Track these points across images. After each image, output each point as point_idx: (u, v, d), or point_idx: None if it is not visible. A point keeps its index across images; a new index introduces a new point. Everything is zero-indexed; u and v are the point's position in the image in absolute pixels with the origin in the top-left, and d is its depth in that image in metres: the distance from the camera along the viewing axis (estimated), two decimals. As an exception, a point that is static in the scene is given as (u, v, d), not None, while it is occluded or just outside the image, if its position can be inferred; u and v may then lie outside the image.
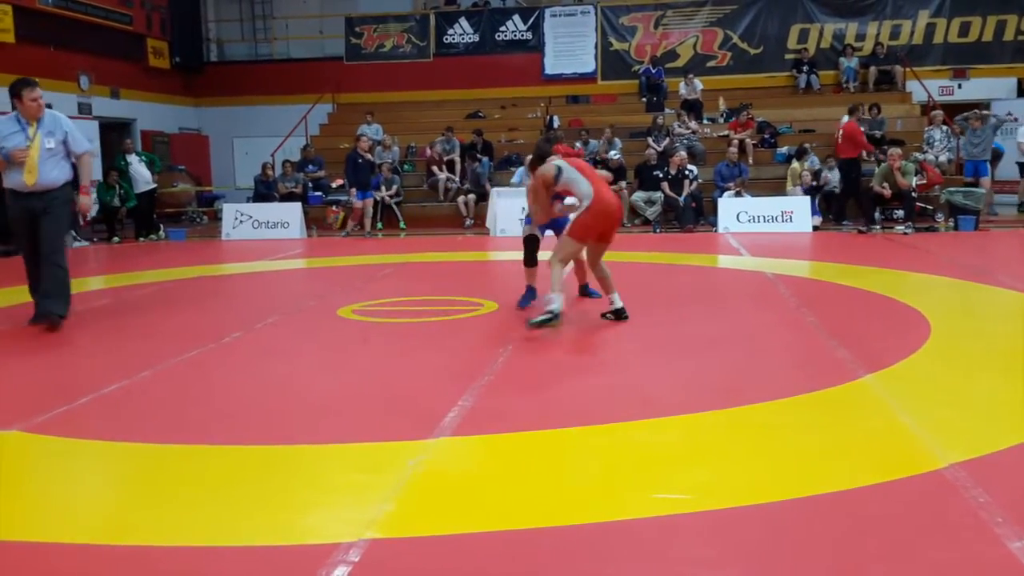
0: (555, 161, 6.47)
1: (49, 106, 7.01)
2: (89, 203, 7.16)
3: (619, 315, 6.60)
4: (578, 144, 16.47)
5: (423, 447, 3.83)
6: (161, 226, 15.83)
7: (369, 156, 14.91)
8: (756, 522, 3.05)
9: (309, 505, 3.30)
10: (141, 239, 15.29)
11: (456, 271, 10.28)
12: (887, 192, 13.28)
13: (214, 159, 21.37)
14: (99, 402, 4.75)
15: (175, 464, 3.77)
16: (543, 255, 6.91)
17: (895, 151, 13.46)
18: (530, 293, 7.19)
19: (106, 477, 3.66)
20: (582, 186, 6.31)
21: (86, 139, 7.13)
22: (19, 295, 8.92)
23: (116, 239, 15.18)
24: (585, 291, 7.61)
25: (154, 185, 15.90)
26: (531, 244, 7.21)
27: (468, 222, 15.78)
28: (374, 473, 3.57)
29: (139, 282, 9.90)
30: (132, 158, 15.66)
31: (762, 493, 3.27)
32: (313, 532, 3.04)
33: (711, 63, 19.51)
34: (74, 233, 14.70)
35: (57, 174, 6.73)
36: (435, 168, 16.74)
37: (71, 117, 16.69)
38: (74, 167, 7.03)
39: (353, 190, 14.73)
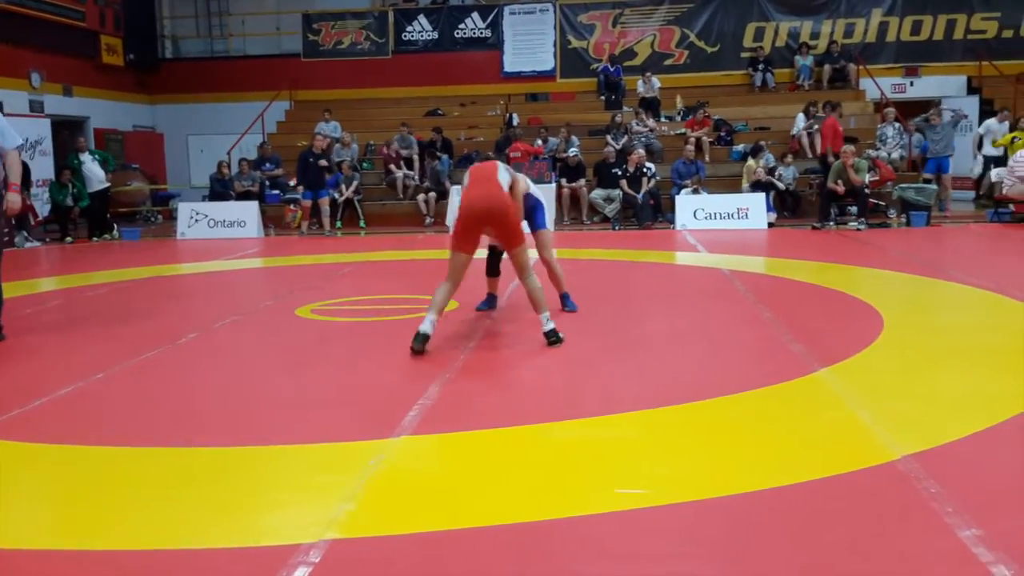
0: (465, 178, 6.14)
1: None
2: (18, 201, 6.47)
3: (418, 341, 5.57)
4: (538, 141, 16.54)
5: (383, 446, 3.83)
6: (115, 225, 15.59)
7: (322, 156, 14.71)
8: (716, 515, 3.09)
9: (269, 506, 3.28)
10: (94, 239, 15.05)
11: (416, 269, 10.25)
12: (840, 189, 13.47)
13: (169, 157, 21.09)
14: (53, 404, 4.68)
15: (131, 467, 3.73)
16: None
17: (848, 148, 13.67)
18: (490, 300, 7.12)
19: (62, 481, 3.60)
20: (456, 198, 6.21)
21: (16, 133, 6.53)
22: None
23: (69, 239, 14.92)
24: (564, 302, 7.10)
25: (108, 184, 15.65)
26: (495, 254, 6.94)
27: (428, 220, 15.74)
28: (334, 473, 3.56)
29: (93, 283, 9.74)
30: (85, 156, 15.39)
31: (721, 487, 3.31)
32: (273, 533, 3.02)
33: (668, 61, 19.65)
34: (25, 233, 14.45)
35: None
36: (392, 166, 16.67)
37: (21, 115, 16.45)
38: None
39: (300, 188, 14.64)
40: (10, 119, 14.54)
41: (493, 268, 6.99)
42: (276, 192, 16.32)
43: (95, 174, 15.29)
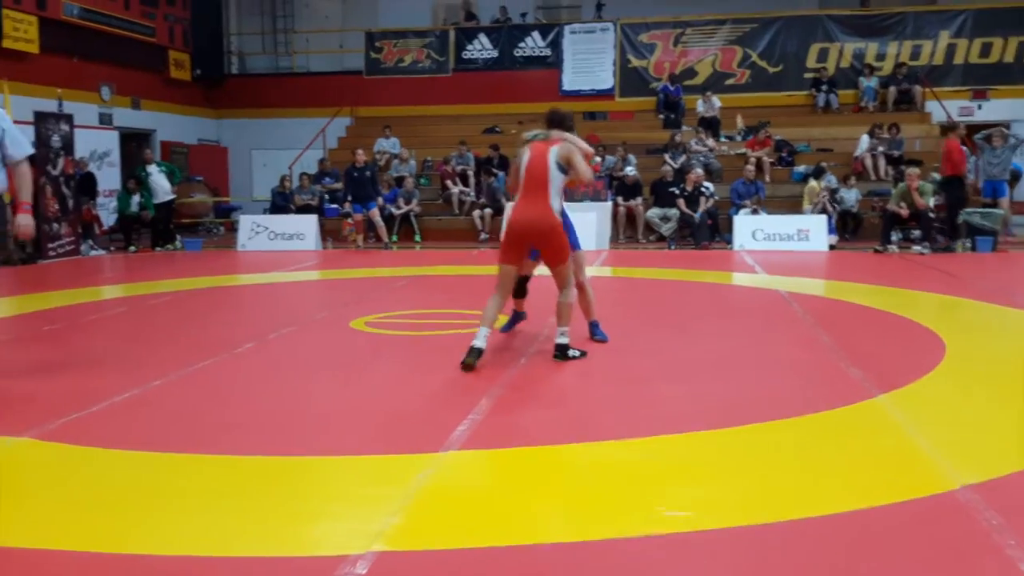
0: (526, 145, 5.99)
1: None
2: (30, 225, 5.62)
3: (471, 356, 5.57)
4: (596, 159, 16.49)
5: (432, 460, 3.83)
6: (177, 236, 15.92)
7: (366, 170, 14.89)
8: (766, 541, 3.02)
9: (317, 516, 3.30)
10: (157, 249, 15.39)
11: (470, 284, 10.28)
12: (904, 212, 13.20)
13: (232, 170, 21.52)
14: (111, 410, 4.77)
15: (185, 473, 3.78)
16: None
17: (913, 171, 13.40)
18: (516, 317, 6.90)
19: (115, 485, 3.66)
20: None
21: (28, 142, 5.84)
22: (37, 302, 9.00)
23: (133, 248, 15.28)
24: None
25: (173, 196, 16.02)
26: (521, 278, 6.49)
27: (483, 236, 15.80)
28: (383, 486, 3.57)
29: (154, 291, 9.95)
30: (152, 168, 15.77)
31: (772, 512, 3.24)
32: (321, 544, 3.03)
33: (730, 81, 19.50)
34: (91, 242, 14.83)
35: None
36: (449, 182, 16.80)
37: (91, 127, 16.94)
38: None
39: (347, 204, 14.84)
40: (80, 131, 15.10)
41: (519, 291, 6.64)
42: (335, 206, 16.54)
43: (161, 186, 15.65)
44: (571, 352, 5.84)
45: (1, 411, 4.82)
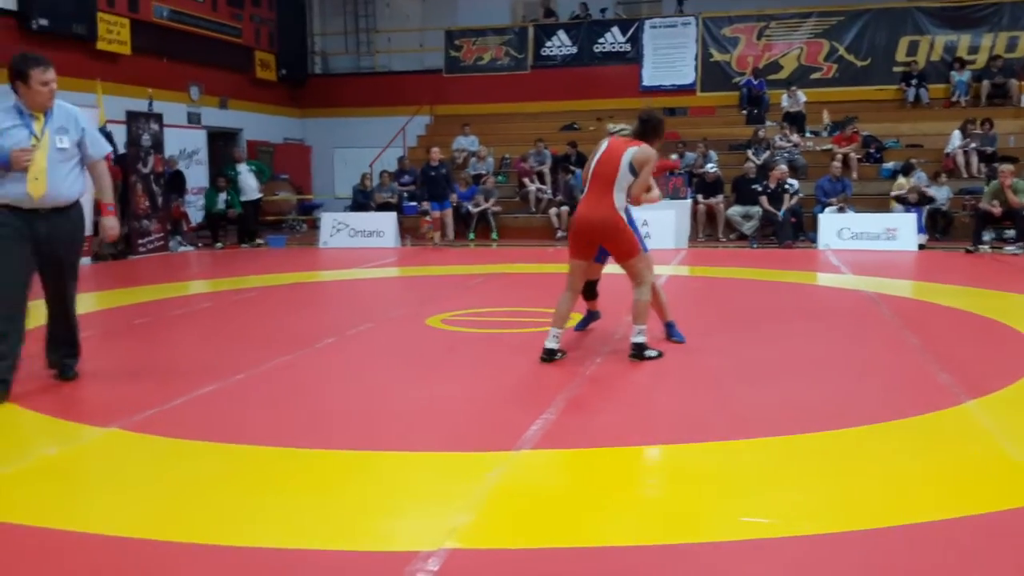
0: (602, 144, 5.96)
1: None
2: (115, 228, 5.46)
3: (545, 356, 5.72)
4: (673, 156, 16.32)
5: (505, 459, 3.82)
6: (257, 233, 16.25)
7: (441, 167, 15.10)
8: (847, 550, 2.93)
9: (391, 512, 3.33)
10: (243, 245, 15.76)
11: (545, 282, 10.24)
12: (997, 210, 12.71)
13: (315, 169, 21.91)
14: (195, 402, 4.89)
15: (262, 466, 3.85)
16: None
17: (1007, 167, 12.87)
18: (590, 315, 6.85)
19: (197, 476, 3.75)
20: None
21: (105, 141, 5.71)
22: (127, 296, 9.30)
23: (220, 245, 15.68)
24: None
25: (261, 195, 16.41)
26: (590, 283, 6.46)
27: (560, 234, 15.76)
28: (455, 483, 3.58)
29: (239, 287, 10.19)
30: (242, 167, 16.18)
31: (853, 520, 3.14)
32: (393, 539, 3.06)
33: (815, 75, 19.05)
34: (179, 238, 15.27)
35: (70, 185, 5.07)
36: (526, 180, 16.81)
37: (180, 126, 17.43)
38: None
39: (426, 203, 15.01)
40: (170, 130, 15.55)
41: (589, 292, 6.60)
42: (413, 204, 16.71)
43: (249, 184, 16.05)
44: (647, 352, 5.78)
45: (90, 402, 4.99)
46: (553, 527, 3.15)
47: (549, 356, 5.65)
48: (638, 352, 5.77)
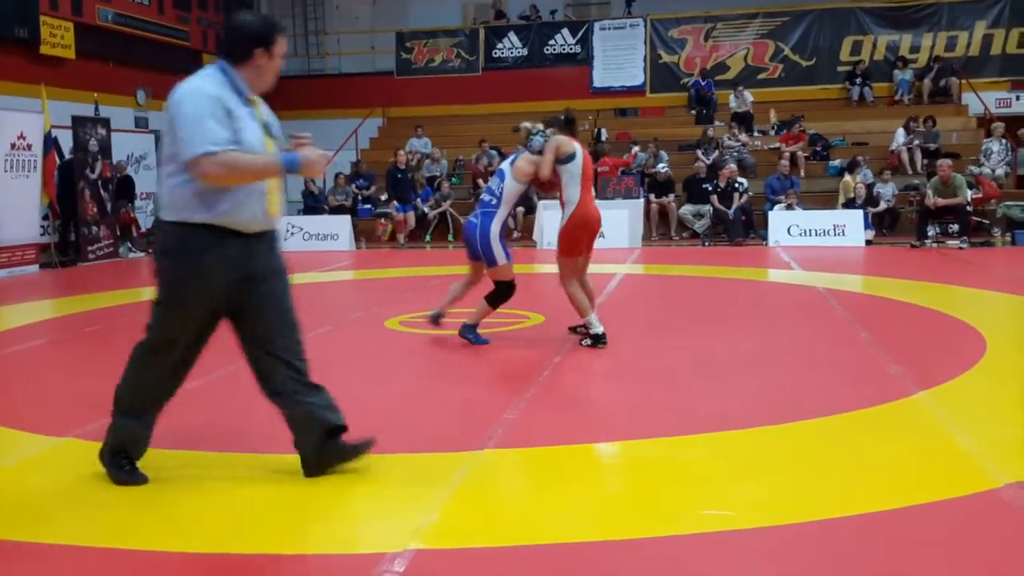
0: (575, 146, 6.20)
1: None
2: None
3: (596, 341, 6.13)
4: (627, 154, 16.46)
5: (468, 459, 3.84)
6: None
7: (408, 171, 15.18)
8: (806, 540, 3.00)
9: (354, 515, 3.33)
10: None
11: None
12: (936, 202, 12.88)
13: (267, 172, 21.67)
14: (152, 410, 4.82)
15: (223, 471, 3.82)
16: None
17: (945, 162, 13.13)
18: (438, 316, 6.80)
19: (155, 483, 3.70)
20: (571, 191, 6.16)
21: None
22: (78, 304, 9.14)
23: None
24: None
25: None
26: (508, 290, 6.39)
27: (515, 235, 15.80)
28: (419, 484, 3.58)
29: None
30: None
31: (811, 511, 3.22)
32: (358, 542, 3.06)
33: (762, 75, 19.34)
34: (129, 244, 15.03)
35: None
36: (480, 181, 16.83)
37: (128, 131, 17.14)
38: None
39: (394, 203, 15.02)
40: (117, 135, 15.29)
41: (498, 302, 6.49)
42: (368, 206, 16.65)
43: None
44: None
45: (45, 412, 4.91)
46: (517, 525, 3.18)
47: (605, 338, 6.12)
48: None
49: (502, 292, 6.33)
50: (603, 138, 18.14)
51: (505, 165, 6.38)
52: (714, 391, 5.07)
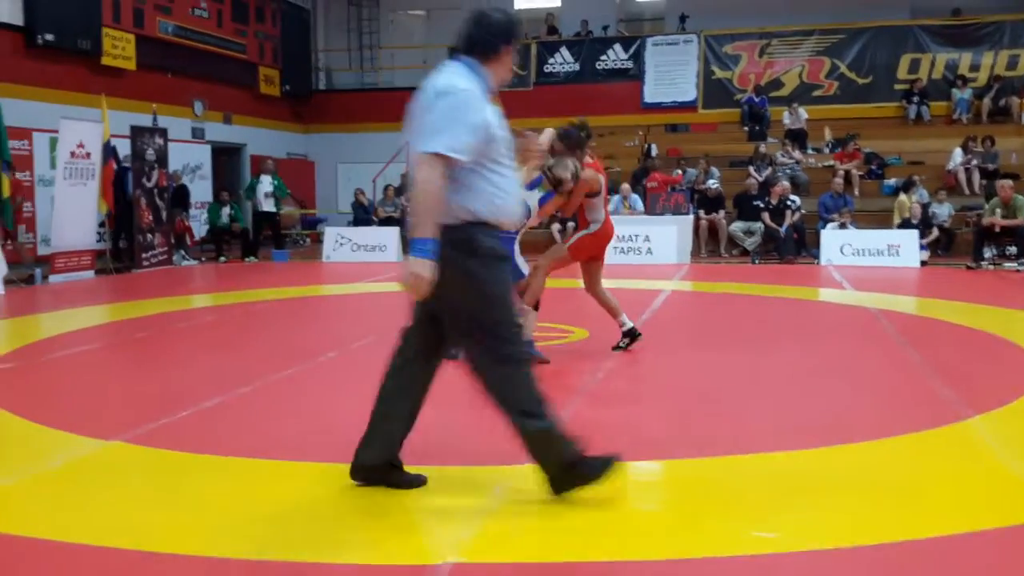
0: (600, 179, 6.39)
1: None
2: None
3: (632, 336, 6.54)
4: (676, 171, 16.37)
5: (509, 473, 3.82)
6: (258, 249, 16.29)
7: None
8: (850, 565, 2.93)
9: (394, 526, 3.32)
10: (247, 259, 15.78)
11: (549, 298, 10.25)
12: (999, 223, 12.66)
13: (319, 184, 21.96)
14: (198, 416, 4.89)
15: (265, 479, 3.85)
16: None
17: (1006, 182, 12.88)
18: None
19: (199, 489, 3.75)
20: (599, 213, 6.41)
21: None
22: (131, 310, 9.31)
23: (223, 259, 15.71)
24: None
25: (277, 209, 16.47)
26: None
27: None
28: (460, 497, 3.58)
29: (243, 301, 10.20)
30: (265, 179, 16.26)
31: (857, 535, 3.14)
32: (398, 553, 3.05)
33: (817, 92, 19.14)
34: (183, 252, 15.31)
35: None
36: (529, 195, 16.86)
37: (184, 141, 17.53)
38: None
39: None
40: (174, 144, 15.62)
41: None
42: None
43: (267, 196, 16.17)
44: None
45: (94, 415, 5.00)
46: (556, 542, 3.15)
47: (637, 332, 6.51)
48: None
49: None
50: (653, 154, 18.08)
51: (528, 196, 5.90)
52: (761, 411, 4.99)
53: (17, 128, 12.81)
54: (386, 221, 16.49)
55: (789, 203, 14.53)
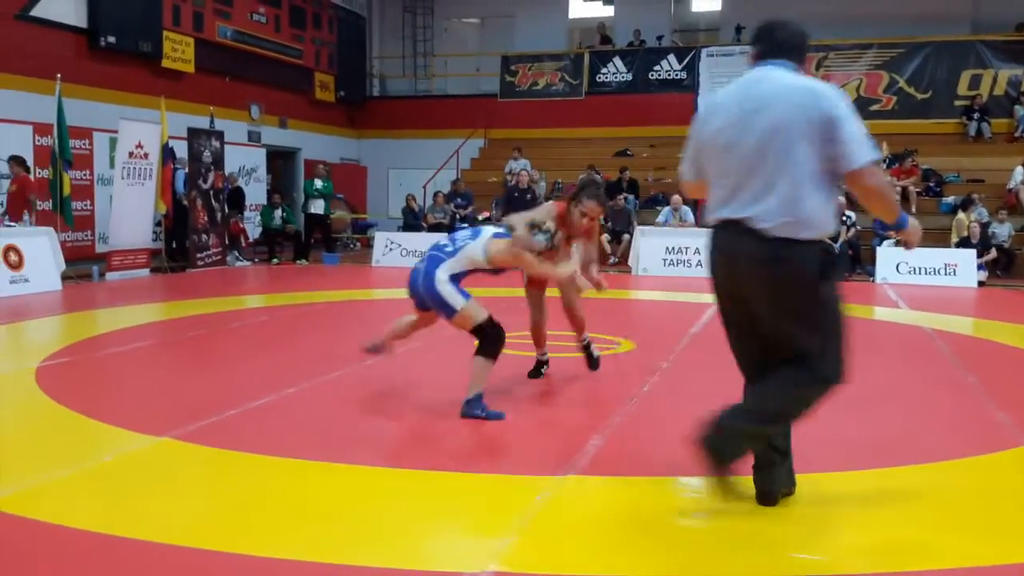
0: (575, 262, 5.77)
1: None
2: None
3: (540, 366, 6.02)
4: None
5: (551, 483, 3.80)
6: (309, 251, 16.47)
7: (528, 191, 15.28)
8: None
9: (434, 532, 3.33)
10: (299, 262, 15.96)
11: (596, 308, 10.20)
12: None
13: (370, 189, 22.16)
14: (247, 415, 4.95)
15: (311, 480, 3.88)
16: None
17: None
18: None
19: (246, 488, 3.79)
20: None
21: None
22: (185, 308, 9.46)
23: (275, 260, 15.91)
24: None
25: (323, 212, 16.66)
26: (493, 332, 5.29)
27: (612, 259, 15.72)
28: (501, 505, 3.57)
29: (293, 303, 10.31)
30: (318, 182, 16.48)
31: (908, 560, 3.07)
32: (436, 559, 3.05)
33: (874, 107, 18.82)
34: (236, 253, 15.52)
35: None
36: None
37: (241, 144, 17.82)
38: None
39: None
40: (230, 147, 15.87)
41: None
42: (465, 225, 16.82)
43: (320, 199, 16.41)
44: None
45: (145, 411, 5.08)
46: (595, 555, 3.12)
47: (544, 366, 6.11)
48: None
49: (489, 337, 5.12)
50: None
51: (486, 235, 5.21)
52: (810, 431, 4.89)
53: (78, 128, 13.13)
54: (435, 227, 16.57)
55: (844, 219, 14.29)
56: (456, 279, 5.12)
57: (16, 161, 11.59)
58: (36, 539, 3.19)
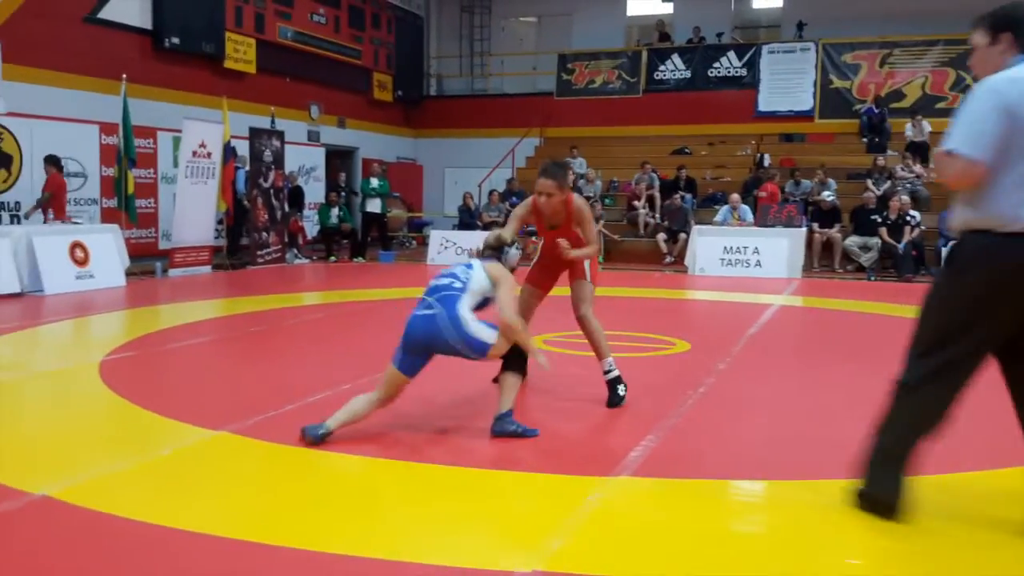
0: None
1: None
2: None
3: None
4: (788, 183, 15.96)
5: (603, 484, 3.77)
6: (366, 249, 16.63)
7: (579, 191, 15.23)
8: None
9: (484, 531, 3.32)
10: (355, 260, 16.12)
11: (651, 308, 10.14)
12: None
13: (426, 187, 22.31)
14: (304, 410, 5.00)
15: (364, 476, 3.91)
16: None
17: None
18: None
19: (300, 483, 3.82)
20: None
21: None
22: (245, 305, 9.60)
23: (333, 258, 16.10)
24: None
25: (384, 210, 16.82)
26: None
27: (668, 259, 15.59)
28: (551, 505, 3.55)
29: (349, 300, 10.41)
30: (374, 181, 16.64)
31: (952, 570, 2.98)
32: (485, 558, 3.04)
33: (941, 104, 18.35)
34: (295, 251, 15.74)
35: None
36: (636, 203, 16.72)
37: (300, 144, 18.08)
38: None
39: None
40: (290, 147, 16.09)
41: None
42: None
43: (377, 199, 16.58)
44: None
45: (203, 405, 5.16)
46: (646, 558, 3.08)
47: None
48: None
49: (515, 354, 4.76)
50: (766, 163, 17.69)
51: (476, 266, 5.17)
52: (866, 433, 4.78)
53: (143, 127, 13.44)
54: (490, 225, 16.61)
55: (908, 219, 13.98)
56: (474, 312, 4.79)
57: (50, 161, 11.72)
58: (94, 529, 3.25)
